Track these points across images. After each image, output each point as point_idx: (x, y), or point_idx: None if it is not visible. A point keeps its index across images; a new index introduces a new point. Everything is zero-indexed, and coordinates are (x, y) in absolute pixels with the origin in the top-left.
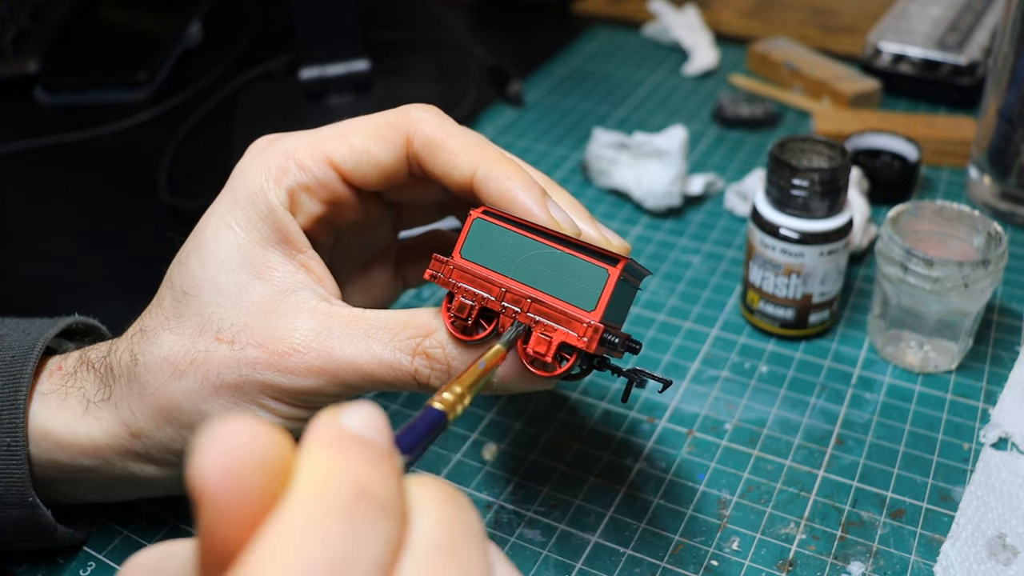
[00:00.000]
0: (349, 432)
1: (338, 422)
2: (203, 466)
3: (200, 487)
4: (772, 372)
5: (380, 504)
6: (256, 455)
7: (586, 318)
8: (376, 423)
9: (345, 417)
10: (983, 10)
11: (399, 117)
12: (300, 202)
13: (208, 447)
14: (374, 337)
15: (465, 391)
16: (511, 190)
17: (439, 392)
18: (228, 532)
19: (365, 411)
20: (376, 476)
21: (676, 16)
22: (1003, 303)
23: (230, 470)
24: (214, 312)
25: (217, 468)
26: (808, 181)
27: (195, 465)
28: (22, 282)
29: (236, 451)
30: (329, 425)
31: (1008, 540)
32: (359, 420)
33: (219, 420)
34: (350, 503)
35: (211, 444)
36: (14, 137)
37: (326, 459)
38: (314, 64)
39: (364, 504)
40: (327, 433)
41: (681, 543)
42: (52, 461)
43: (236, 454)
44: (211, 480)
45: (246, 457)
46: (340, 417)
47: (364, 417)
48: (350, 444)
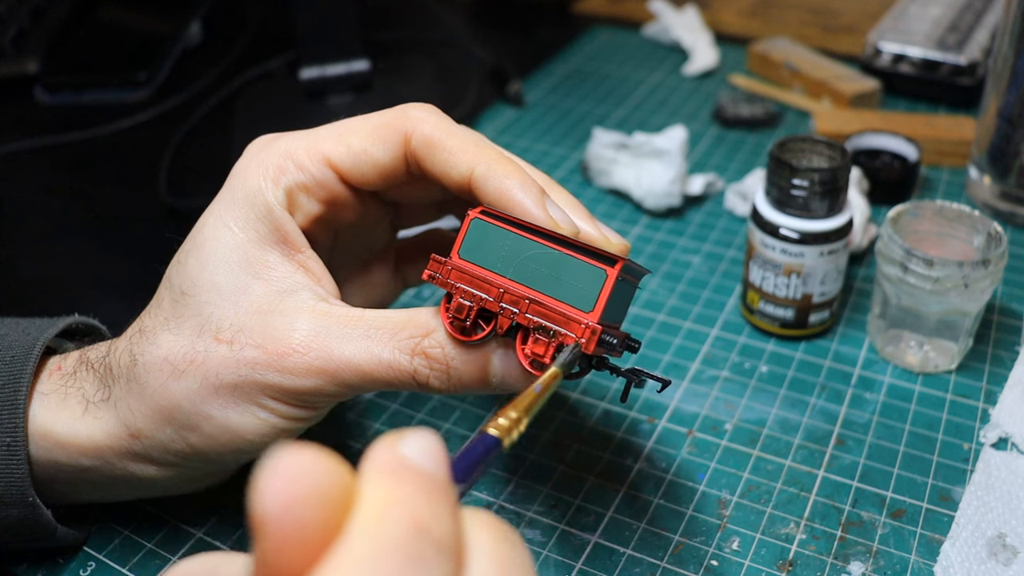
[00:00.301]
0: (407, 462)
1: (396, 450)
2: (264, 497)
3: (261, 518)
4: (772, 372)
5: (437, 542)
6: (316, 486)
7: (584, 319)
8: (434, 452)
9: (403, 445)
10: (983, 10)
11: (397, 116)
12: (298, 202)
13: (269, 477)
14: (373, 337)
15: (521, 415)
16: (509, 189)
17: (495, 417)
18: (286, 564)
19: (423, 439)
20: (434, 512)
21: (676, 16)
22: (1003, 303)
23: (290, 502)
24: (213, 312)
25: (278, 499)
26: (808, 181)
27: (256, 496)
28: (22, 282)
29: (297, 482)
30: (387, 453)
31: (1008, 540)
32: (417, 449)
33: (280, 449)
34: (408, 540)
35: (272, 474)
36: (14, 137)
37: (384, 492)
38: (314, 64)
39: (421, 541)
40: (385, 463)
41: (681, 543)
42: (52, 461)
43: (297, 485)
44: (272, 511)
45: (306, 488)
46: (398, 445)
47: (423, 446)
48: (408, 476)
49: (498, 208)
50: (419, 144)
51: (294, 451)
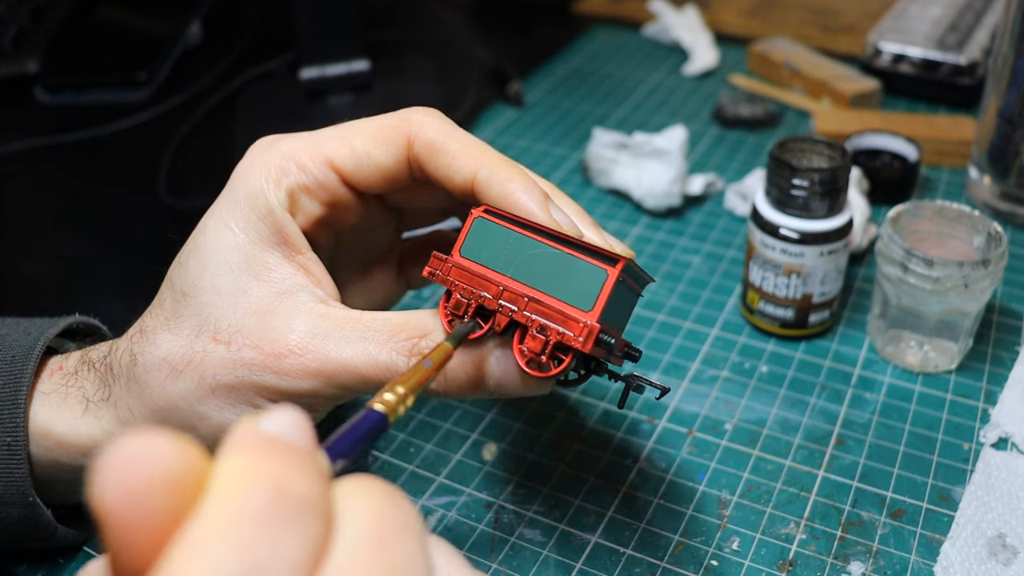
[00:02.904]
0: (268, 435)
1: (256, 427)
2: (100, 487)
3: (99, 509)
4: (772, 372)
5: (300, 501)
6: (158, 469)
7: (583, 318)
8: (297, 425)
9: (264, 422)
10: (983, 10)
11: (400, 120)
12: (300, 203)
13: (104, 467)
14: (370, 339)
15: (408, 392)
16: (513, 192)
17: (380, 392)
18: (134, 551)
19: (285, 414)
20: (295, 475)
21: (676, 16)
22: (1003, 303)
23: (128, 488)
24: (212, 313)
25: (114, 487)
26: (808, 181)
27: (92, 487)
28: (22, 282)
29: (134, 468)
30: (247, 430)
31: (1008, 540)
32: (279, 424)
33: (119, 437)
34: (267, 503)
35: (107, 463)
36: (14, 137)
37: (242, 462)
38: (314, 64)
39: (282, 502)
40: (245, 438)
41: (681, 543)
42: (53, 461)
43: (135, 471)
44: (110, 500)
45: (145, 473)
46: (259, 422)
47: (284, 420)
48: (268, 446)
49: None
50: (422, 148)
51: (133, 436)
